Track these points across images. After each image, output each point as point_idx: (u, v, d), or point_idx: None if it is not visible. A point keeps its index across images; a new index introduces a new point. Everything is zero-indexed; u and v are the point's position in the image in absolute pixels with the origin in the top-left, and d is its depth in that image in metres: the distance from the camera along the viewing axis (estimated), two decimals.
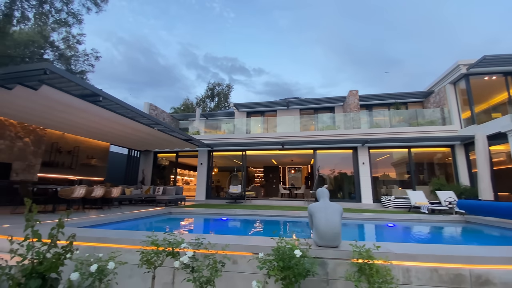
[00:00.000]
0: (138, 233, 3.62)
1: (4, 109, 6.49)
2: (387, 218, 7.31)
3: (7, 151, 7.95)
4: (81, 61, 9.84)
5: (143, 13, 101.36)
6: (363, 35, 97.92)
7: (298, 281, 2.28)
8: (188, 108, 32.83)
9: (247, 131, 14.64)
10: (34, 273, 2.62)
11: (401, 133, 11.54)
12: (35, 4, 5.98)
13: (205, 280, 2.26)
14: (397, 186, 12.35)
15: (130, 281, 3.13)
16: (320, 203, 3.04)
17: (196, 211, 8.56)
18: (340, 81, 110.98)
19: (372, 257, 2.43)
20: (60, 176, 9.83)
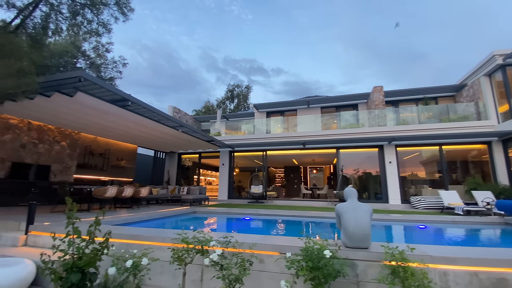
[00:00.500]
0: (168, 231, 3.76)
1: (44, 115, 7.04)
2: (417, 219, 6.94)
3: (46, 154, 8.61)
4: (110, 68, 10.33)
5: (165, 20, 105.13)
6: (385, 29, 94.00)
7: (328, 282, 2.24)
8: (209, 110, 33.47)
9: (267, 131, 14.63)
10: (74, 268, 2.79)
11: (431, 130, 10.90)
12: (68, 16, 6.37)
13: (234, 278, 2.30)
14: (427, 186, 11.71)
15: (161, 277, 3.26)
16: (348, 203, 2.96)
17: (220, 210, 8.71)
18: (363, 78, 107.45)
19: (406, 259, 2.33)
20: (93, 177, 10.47)
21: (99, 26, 6.76)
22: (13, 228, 4.74)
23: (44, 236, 4.21)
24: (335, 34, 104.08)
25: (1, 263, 3.15)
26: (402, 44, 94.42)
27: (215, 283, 2.97)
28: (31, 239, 4.24)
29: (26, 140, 8.00)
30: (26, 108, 6.27)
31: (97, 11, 6.30)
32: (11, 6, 5.72)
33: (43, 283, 3.31)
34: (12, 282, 2.97)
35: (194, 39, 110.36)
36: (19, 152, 7.83)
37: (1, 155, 7.38)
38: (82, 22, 6.31)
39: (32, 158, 8.19)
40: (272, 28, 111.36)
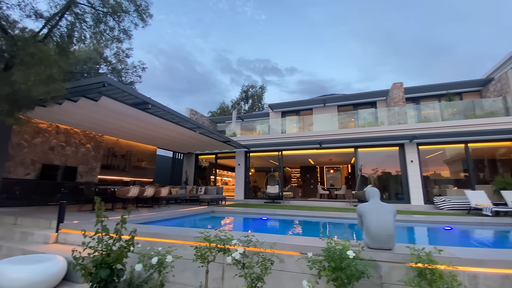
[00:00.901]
0: (189, 230, 3.85)
1: (70, 119, 7.43)
2: (442, 220, 6.65)
3: (73, 156, 9.08)
4: (130, 73, 10.68)
5: (180, 24, 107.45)
6: (404, 23, 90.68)
7: (351, 282, 2.21)
8: (224, 111, 33.83)
9: (282, 131, 14.57)
10: (103, 264, 2.92)
11: (455, 127, 10.39)
12: (92, 24, 6.68)
13: (256, 276, 2.32)
14: (452, 186, 11.19)
15: (183, 275, 3.34)
16: (370, 203, 2.90)
17: (237, 210, 8.78)
18: (380, 75, 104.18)
19: (433, 261, 2.25)
20: (116, 177, 10.90)
21: (120, 33, 7.03)
22: (45, 226, 5.04)
23: (73, 234, 4.44)
24: (350, 31, 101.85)
25: (35, 259, 3.36)
26: (423, 38, 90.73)
27: (236, 281, 3.00)
28: (62, 236, 4.49)
29: (54, 143, 8.48)
30: (54, 113, 6.64)
31: (118, 18, 6.56)
32: (39, 17, 6.08)
33: (73, 278, 3.50)
34: (46, 277, 3.16)
35: (208, 41, 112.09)
36: (48, 154, 8.30)
37: (32, 157, 7.86)
38: (105, 30, 6.60)
39: (60, 160, 8.66)
40: (285, 27, 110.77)
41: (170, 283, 3.36)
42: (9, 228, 4.99)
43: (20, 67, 4.57)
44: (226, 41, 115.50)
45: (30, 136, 7.80)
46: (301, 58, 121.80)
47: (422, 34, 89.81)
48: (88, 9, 6.44)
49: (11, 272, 3.01)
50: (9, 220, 5.49)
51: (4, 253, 4.18)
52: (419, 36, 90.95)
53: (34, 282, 3.04)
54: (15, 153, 7.43)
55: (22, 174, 7.61)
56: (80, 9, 6.33)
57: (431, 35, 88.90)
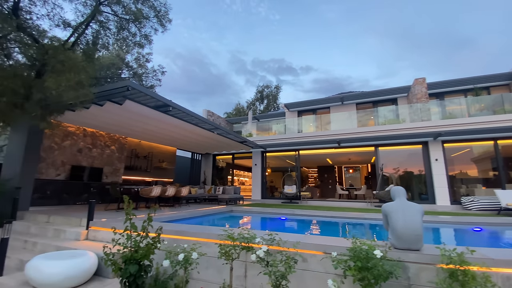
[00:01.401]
0: (212, 228, 3.93)
1: (97, 122, 7.81)
2: (470, 221, 6.32)
3: (98, 157, 9.53)
4: (150, 77, 11.00)
5: (196, 28, 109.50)
6: (422, 16, 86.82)
7: (379, 283, 2.17)
8: (240, 112, 34.05)
9: (299, 131, 14.45)
10: (132, 260, 3.05)
11: (483, 123, 9.82)
12: (115, 32, 6.98)
13: (281, 274, 2.33)
14: (480, 185, 10.60)
15: (207, 272, 3.41)
16: (396, 202, 2.83)
17: (255, 209, 8.82)
18: (399, 70, 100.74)
19: (465, 262, 2.15)
20: (138, 178, 11.32)
21: (142, 38, 7.29)
22: (75, 224, 5.32)
23: (102, 231, 4.66)
24: (367, 26, 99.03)
25: (69, 255, 3.56)
26: (443, 31, 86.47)
27: (259, 279, 3.03)
28: (91, 233, 4.73)
29: (82, 145, 8.94)
30: (82, 116, 7.02)
31: (140, 24, 6.80)
32: (67, 26, 6.44)
33: (103, 274, 3.68)
34: (79, 272, 3.34)
35: (223, 44, 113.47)
36: (77, 156, 8.77)
37: (62, 159, 8.33)
38: (127, 36, 6.87)
39: (87, 161, 9.12)
40: (300, 26, 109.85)
41: (194, 280, 3.45)
42: (42, 226, 5.32)
43: (52, 74, 4.87)
44: (240, 43, 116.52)
45: (60, 139, 8.27)
46: (316, 56, 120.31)
47: (442, 27, 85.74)
48: (111, 17, 6.74)
49: (47, 267, 3.20)
50: (42, 219, 5.85)
51: (39, 249, 4.47)
52: (438, 29, 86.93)
53: (68, 277, 3.22)
54: (47, 155, 7.92)
55: (53, 175, 8.09)
56: (104, 17, 6.63)
57: (451, 28, 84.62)
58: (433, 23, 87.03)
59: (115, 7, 6.53)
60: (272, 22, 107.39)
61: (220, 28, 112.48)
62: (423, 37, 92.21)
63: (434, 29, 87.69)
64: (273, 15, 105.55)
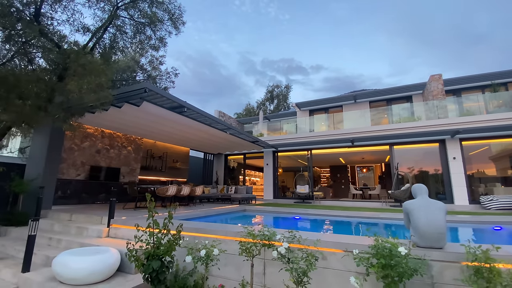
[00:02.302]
0: (229, 226, 3.98)
1: (115, 124, 8.06)
2: (490, 220, 6.14)
3: (116, 158, 9.81)
4: (164, 79, 11.18)
5: (206, 30, 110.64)
6: (434, 12, 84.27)
7: (403, 281, 2.15)
8: (250, 112, 34.14)
9: (311, 130, 14.35)
10: (154, 256, 3.14)
11: (502, 120, 9.46)
12: (131, 35, 7.16)
13: (302, 271, 2.35)
14: (500, 184, 10.22)
15: (225, 269, 3.47)
16: (418, 200, 2.79)
17: (268, 209, 8.84)
18: (413, 67, 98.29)
19: (491, 259, 2.10)
20: (154, 177, 11.58)
21: (156, 41, 7.46)
22: (97, 222, 5.51)
23: (122, 229, 4.80)
24: (378, 24, 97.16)
25: (93, 251, 3.69)
26: (456, 26, 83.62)
27: (277, 277, 3.05)
28: (112, 231, 4.88)
29: (100, 146, 9.24)
30: (100, 118, 7.24)
31: (155, 27, 6.96)
32: (86, 31, 6.67)
33: (126, 269, 3.79)
34: (103, 267, 3.46)
35: (233, 45, 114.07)
36: (95, 157, 9.06)
37: (82, 159, 8.64)
38: (143, 40, 7.05)
39: (105, 161, 9.40)
40: (310, 25, 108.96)
41: (213, 277, 3.51)
42: (65, 223, 5.54)
43: (73, 77, 5.06)
44: (250, 44, 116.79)
45: (80, 140, 8.58)
46: (326, 55, 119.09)
47: (455, 23, 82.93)
48: (128, 21, 6.93)
49: (74, 262, 3.33)
50: (64, 217, 6.09)
51: (63, 245, 4.66)
52: (451, 25, 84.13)
53: (93, 272, 3.35)
54: (67, 156, 8.22)
55: (74, 175, 8.40)
56: (121, 22, 6.82)
57: (464, 23, 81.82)
58: (445, 19, 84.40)
59: (131, 11, 6.71)
60: (282, 22, 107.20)
61: (230, 29, 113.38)
62: (436, 34, 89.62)
63: (446, 25, 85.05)
64: (282, 15, 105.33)
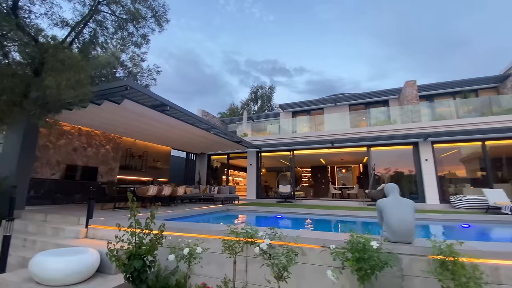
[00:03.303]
0: (212, 225, 4.03)
1: (93, 121, 7.79)
2: (459, 219, 6.60)
3: (94, 157, 9.47)
4: (145, 76, 10.96)
5: (190, 28, 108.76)
6: (415, 18, 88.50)
7: (375, 273, 2.32)
8: (234, 112, 34.08)
9: (293, 131, 14.65)
10: (136, 255, 3.13)
11: (472, 125, 10.21)
12: (113, 31, 6.99)
13: (282, 266, 2.46)
14: (469, 185, 11.00)
15: (208, 268, 3.51)
16: (390, 198, 3.00)
17: (251, 208, 8.94)
18: (391, 72, 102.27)
19: (455, 252, 2.33)
20: (133, 177, 11.28)
21: (139, 38, 7.32)
22: (74, 222, 5.32)
23: (102, 229, 4.69)
24: (360, 28, 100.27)
25: (71, 251, 3.60)
26: (436, 32, 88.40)
27: (259, 273, 3.15)
28: (91, 232, 4.75)
29: (77, 145, 8.88)
30: (78, 115, 7.00)
31: (138, 24, 6.84)
32: (65, 25, 6.43)
33: (106, 270, 3.72)
34: (82, 268, 3.38)
35: (217, 44, 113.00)
36: (72, 155, 8.70)
37: (57, 158, 8.27)
38: (126, 36, 6.90)
39: (82, 160, 9.06)
40: (294, 27, 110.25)
41: (195, 275, 3.54)
42: (40, 224, 5.31)
43: (51, 73, 4.88)
44: (234, 43, 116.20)
45: (55, 138, 8.21)
46: (309, 57, 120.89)
47: (435, 29, 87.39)
48: (109, 17, 6.75)
49: (51, 263, 3.24)
50: (39, 217, 5.82)
51: (39, 247, 4.48)
52: (431, 30, 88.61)
53: (72, 273, 3.26)
54: (42, 154, 7.84)
55: (48, 174, 8.02)
56: (102, 17, 6.64)
57: (444, 29, 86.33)
58: (425, 26, 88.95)
59: (114, 7, 6.55)
60: (266, 23, 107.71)
61: (214, 28, 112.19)
62: (415, 40, 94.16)
63: (425, 31, 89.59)
64: (266, 16, 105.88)
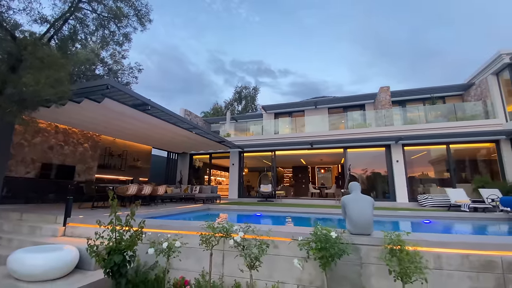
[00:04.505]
0: (192, 222, 4.21)
1: (72, 119, 7.66)
2: (423, 215, 7.21)
3: (71, 155, 9.26)
4: (126, 74, 10.83)
5: (174, 25, 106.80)
6: (396, 26, 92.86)
7: (334, 260, 2.63)
8: (218, 112, 34.06)
9: (275, 132, 15.02)
10: (116, 250, 3.26)
11: (438, 129, 11.07)
12: (93, 29, 6.95)
13: (254, 256, 2.71)
14: (436, 185, 11.87)
15: (186, 262, 3.71)
16: (352, 195, 3.34)
17: (232, 207, 9.15)
18: (371, 77, 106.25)
19: (402, 241, 2.69)
20: (112, 176, 11.11)
21: (121, 37, 7.31)
22: (51, 221, 5.28)
23: (80, 227, 4.73)
24: (343, 33, 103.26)
25: (50, 248, 3.66)
26: (414, 41, 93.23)
27: (234, 265, 3.39)
28: (69, 230, 4.77)
29: (53, 143, 8.66)
30: (56, 113, 6.85)
31: (120, 23, 6.84)
32: (44, 21, 6.32)
33: (85, 266, 3.80)
34: (61, 264, 3.46)
35: (202, 42, 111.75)
36: (48, 153, 8.48)
37: (32, 156, 8.03)
38: (107, 35, 6.88)
39: (59, 159, 8.84)
40: (279, 29, 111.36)
41: (174, 270, 3.72)
42: (16, 223, 5.22)
43: (30, 70, 4.83)
44: (220, 43, 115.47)
45: (30, 135, 7.98)
46: (294, 60, 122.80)
47: (413, 38, 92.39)
48: (90, 14, 6.71)
49: (30, 259, 3.29)
50: (14, 216, 5.69)
51: (15, 245, 4.44)
52: (410, 39, 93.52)
53: (51, 268, 3.34)
54: (16, 152, 7.61)
55: (23, 173, 7.78)
56: (83, 14, 6.59)
57: (421, 39, 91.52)
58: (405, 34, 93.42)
59: (95, 5, 6.52)
60: (252, 23, 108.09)
61: (199, 26, 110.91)
62: (395, 47, 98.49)
63: (405, 39, 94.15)
64: (252, 16, 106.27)
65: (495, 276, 2.68)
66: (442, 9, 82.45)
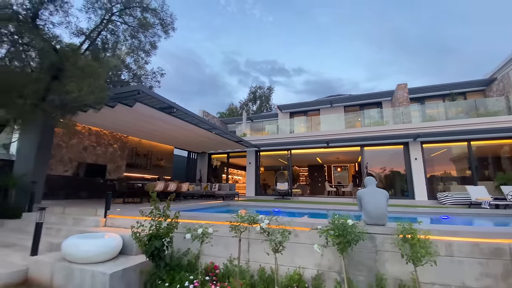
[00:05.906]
0: (219, 214, 4.63)
1: (106, 122, 8.36)
2: (442, 212, 7.26)
3: (102, 155, 10.04)
4: (149, 79, 11.44)
5: (190, 28, 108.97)
6: (413, 23, 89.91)
7: (351, 245, 2.94)
8: (233, 112, 34.65)
9: (291, 131, 15.26)
10: (157, 236, 3.73)
11: (459, 126, 10.86)
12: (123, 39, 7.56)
13: (278, 241, 3.07)
14: (456, 183, 11.67)
15: (216, 248, 4.12)
16: (368, 189, 3.62)
17: (251, 204, 9.55)
18: (388, 74, 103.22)
19: (413, 229, 2.95)
20: (139, 175, 11.87)
21: (147, 45, 7.90)
22: (91, 213, 5.89)
23: (119, 219, 5.28)
24: (359, 31, 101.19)
25: (98, 235, 4.19)
26: (431, 38, 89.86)
27: (259, 253, 3.76)
28: (109, 221, 5.34)
29: (87, 144, 9.46)
30: (92, 116, 7.54)
31: (147, 33, 7.42)
32: (81, 34, 7.00)
33: (127, 252, 4.31)
34: (109, 249, 3.97)
35: (217, 44, 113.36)
36: (82, 153, 9.27)
37: (69, 156, 8.83)
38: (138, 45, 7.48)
39: (92, 158, 9.63)
40: (293, 28, 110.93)
41: (205, 256, 4.15)
42: (60, 216, 5.88)
43: (73, 79, 5.44)
44: (235, 44, 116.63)
45: (67, 137, 8.77)
46: (308, 58, 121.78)
47: (430, 34, 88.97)
48: (121, 26, 7.33)
49: (84, 244, 3.82)
50: (57, 210, 6.37)
51: (63, 234, 5.04)
52: (427, 36, 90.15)
53: (101, 253, 3.85)
54: (55, 152, 8.41)
55: (62, 171, 8.59)
56: (115, 26, 7.22)
57: (438, 35, 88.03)
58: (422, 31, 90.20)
59: (125, 17, 7.12)
60: (265, 24, 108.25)
61: (214, 29, 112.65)
62: (412, 44, 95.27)
63: (422, 36, 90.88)
64: (266, 17, 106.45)
65: (503, 262, 2.87)
66: (457, 6, 78.95)
